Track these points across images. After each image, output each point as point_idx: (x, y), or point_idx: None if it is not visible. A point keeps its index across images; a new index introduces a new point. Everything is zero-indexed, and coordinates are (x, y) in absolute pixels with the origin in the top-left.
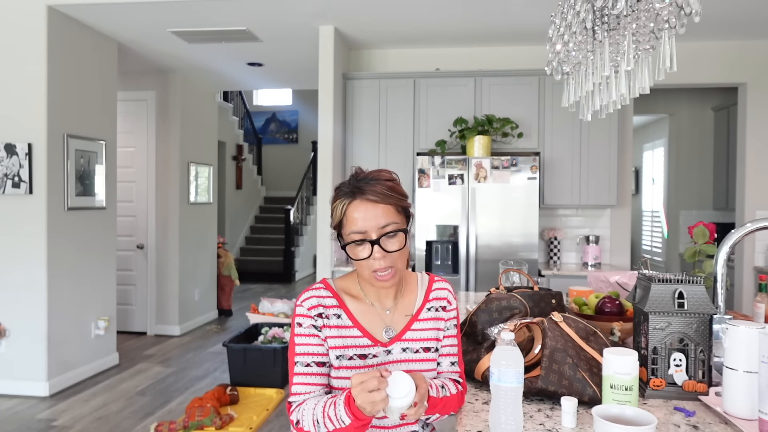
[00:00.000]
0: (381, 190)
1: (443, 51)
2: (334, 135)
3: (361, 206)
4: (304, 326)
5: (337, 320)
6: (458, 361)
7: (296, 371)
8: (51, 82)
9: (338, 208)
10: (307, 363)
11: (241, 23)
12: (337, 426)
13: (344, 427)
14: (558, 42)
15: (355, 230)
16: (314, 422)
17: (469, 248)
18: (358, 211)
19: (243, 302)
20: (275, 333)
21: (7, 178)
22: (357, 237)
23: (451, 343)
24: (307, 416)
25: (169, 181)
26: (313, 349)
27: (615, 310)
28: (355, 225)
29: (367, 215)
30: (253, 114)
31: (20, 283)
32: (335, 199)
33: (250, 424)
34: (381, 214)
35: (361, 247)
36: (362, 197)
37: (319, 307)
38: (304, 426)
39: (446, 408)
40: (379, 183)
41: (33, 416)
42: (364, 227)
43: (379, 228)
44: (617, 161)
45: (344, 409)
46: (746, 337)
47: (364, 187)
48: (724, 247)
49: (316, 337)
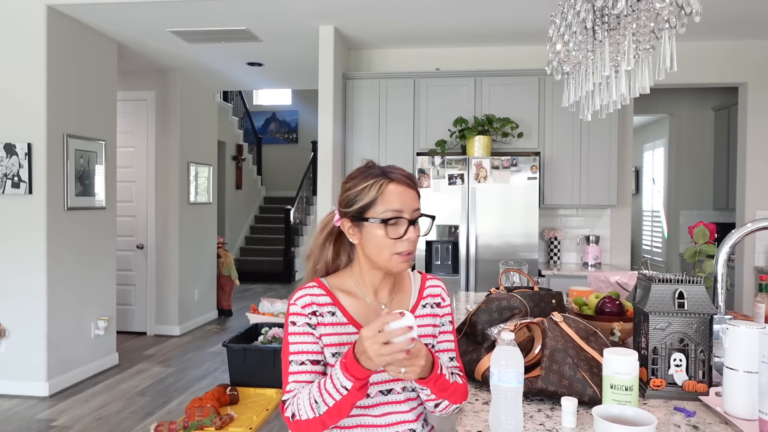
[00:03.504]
0: (409, 175)
1: (443, 51)
2: (334, 135)
3: (399, 187)
4: (298, 325)
5: (331, 317)
6: (456, 357)
7: (291, 370)
8: (51, 81)
9: (373, 187)
10: (301, 361)
11: (240, 23)
12: (337, 397)
13: (345, 395)
14: (558, 42)
15: (393, 208)
16: (312, 404)
17: (469, 248)
18: (395, 192)
19: (243, 302)
20: (275, 333)
21: (7, 178)
22: (393, 215)
23: (447, 339)
24: (303, 402)
25: (169, 181)
26: (307, 348)
27: (615, 310)
28: (392, 204)
29: (405, 196)
30: (253, 114)
31: (20, 283)
32: (365, 179)
33: (250, 424)
34: (415, 198)
35: (394, 226)
36: (399, 179)
37: (313, 305)
38: (301, 416)
39: (455, 395)
40: (402, 170)
41: (33, 416)
42: (402, 207)
43: (413, 210)
44: (617, 161)
45: (342, 374)
46: (746, 337)
47: (398, 171)
48: (725, 247)
49: (310, 335)
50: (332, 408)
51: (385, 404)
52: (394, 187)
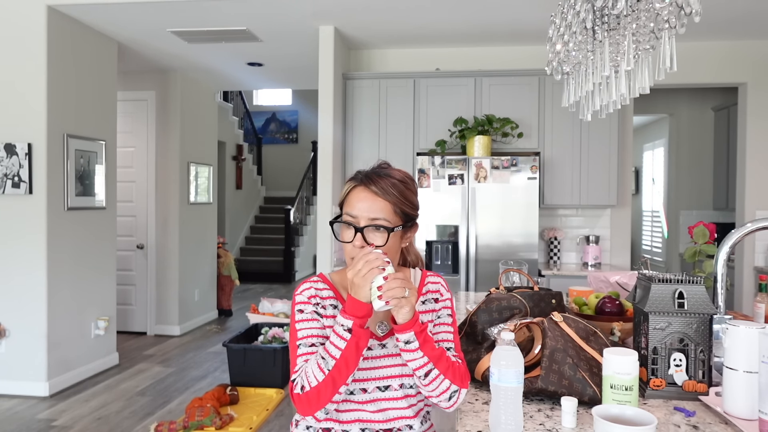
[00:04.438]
0: (386, 185)
1: (443, 51)
2: (334, 135)
3: (362, 193)
4: (306, 312)
5: (333, 311)
6: (456, 349)
7: (299, 353)
8: (51, 82)
9: (345, 187)
10: (311, 343)
11: (241, 23)
12: (342, 345)
13: (349, 339)
14: (558, 42)
15: (349, 213)
16: (319, 363)
17: (469, 248)
18: (357, 197)
19: (243, 302)
20: (275, 333)
21: (7, 178)
22: (348, 219)
23: (445, 330)
24: (312, 367)
25: (169, 181)
26: (316, 331)
27: (615, 310)
28: (350, 208)
29: (364, 204)
30: (253, 114)
31: (20, 283)
32: (347, 180)
33: (250, 424)
34: (376, 208)
35: (347, 231)
36: (367, 185)
37: (317, 297)
38: (311, 382)
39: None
40: (388, 179)
41: (33, 416)
42: (356, 213)
43: (369, 219)
44: (617, 161)
45: (341, 318)
46: (746, 337)
47: (373, 177)
48: (724, 247)
49: (317, 320)
50: (340, 360)
51: (381, 400)
52: (358, 191)
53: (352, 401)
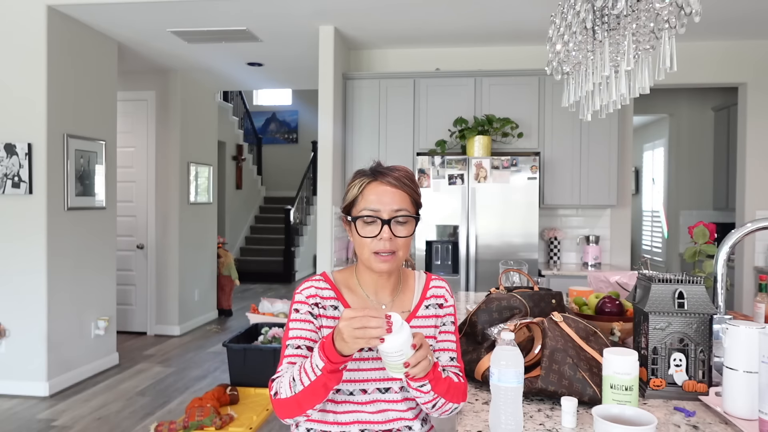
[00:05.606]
0: (399, 176)
1: (443, 51)
2: (334, 135)
3: (379, 187)
4: (301, 312)
5: (333, 311)
6: (458, 357)
7: (286, 353)
8: (51, 82)
9: (355, 186)
10: (297, 345)
11: (240, 23)
12: (312, 377)
13: (318, 376)
14: (558, 42)
15: (369, 208)
16: (290, 382)
17: (469, 248)
18: (375, 192)
19: (243, 302)
20: (275, 333)
21: (7, 178)
22: (369, 214)
23: (448, 338)
24: (285, 381)
25: (169, 181)
26: (306, 334)
27: (615, 310)
28: (369, 204)
29: (384, 197)
30: (253, 114)
31: (20, 283)
32: (353, 179)
33: (250, 424)
34: (396, 199)
35: (370, 226)
36: (382, 179)
37: (317, 297)
38: (281, 394)
39: (450, 392)
40: (398, 171)
41: (33, 416)
42: (378, 207)
43: (392, 210)
44: (617, 161)
45: (318, 353)
46: (746, 337)
47: (384, 171)
48: (724, 247)
49: (310, 323)
50: (307, 389)
51: (381, 401)
52: (374, 186)
53: (351, 402)
